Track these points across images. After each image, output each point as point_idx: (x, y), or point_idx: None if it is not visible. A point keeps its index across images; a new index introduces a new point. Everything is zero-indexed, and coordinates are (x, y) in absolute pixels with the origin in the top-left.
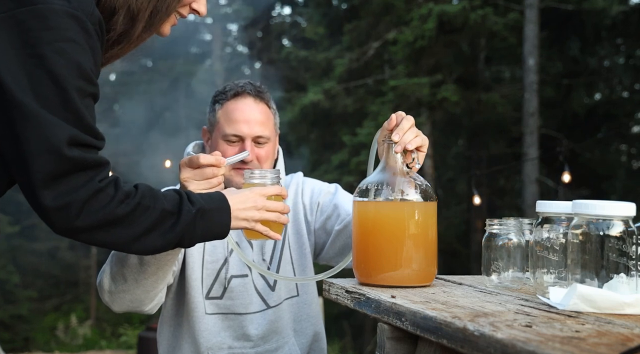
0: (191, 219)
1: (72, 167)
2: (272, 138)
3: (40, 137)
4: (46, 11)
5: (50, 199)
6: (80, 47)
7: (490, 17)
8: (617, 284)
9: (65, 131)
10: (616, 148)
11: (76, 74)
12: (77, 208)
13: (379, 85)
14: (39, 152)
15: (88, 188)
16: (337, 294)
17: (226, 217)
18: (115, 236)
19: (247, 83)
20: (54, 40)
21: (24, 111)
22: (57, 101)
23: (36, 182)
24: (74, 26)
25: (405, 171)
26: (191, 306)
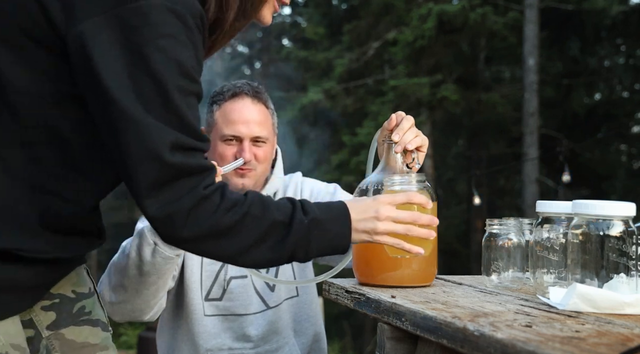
0: (304, 231)
1: (176, 174)
2: (270, 138)
3: (142, 143)
4: (146, 7)
5: (155, 208)
6: (180, 44)
7: (490, 16)
8: (617, 284)
9: (166, 136)
10: (616, 148)
11: (177, 72)
12: (182, 218)
13: (379, 86)
14: (141, 159)
15: (192, 196)
16: (337, 294)
17: (345, 228)
18: (222, 248)
19: (244, 83)
20: (154, 38)
21: (125, 114)
22: (158, 101)
23: (140, 191)
24: (175, 21)
25: (405, 171)
26: (190, 308)
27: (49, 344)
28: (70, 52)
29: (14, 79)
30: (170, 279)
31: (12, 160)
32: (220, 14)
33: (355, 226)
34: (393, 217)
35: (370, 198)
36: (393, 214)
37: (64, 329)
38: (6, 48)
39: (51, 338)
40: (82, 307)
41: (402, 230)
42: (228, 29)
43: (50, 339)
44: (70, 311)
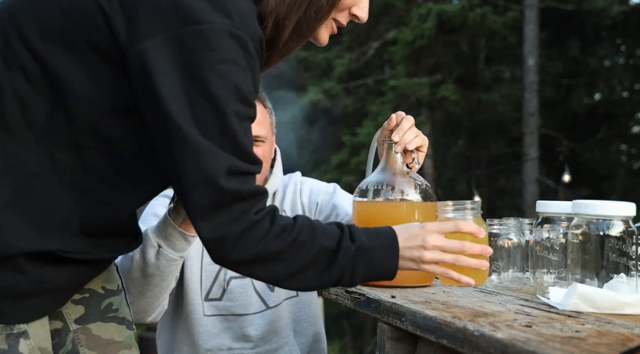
0: (350, 258)
1: (229, 200)
2: (269, 138)
3: (198, 166)
4: (209, 31)
5: (208, 231)
6: (240, 69)
7: (490, 16)
8: (617, 284)
9: (222, 161)
10: (616, 148)
11: (235, 97)
12: (232, 242)
13: (378, 85)
14: (196, 182)
15: (244, 221)
16: (337, 294)
17: (392, 256)
18: (270, 272)
19: None
20: (215, 63)
21: (183, 136)
22: (215, 126)
23: (194, 213)
24: (235, 47)
25: (405, 171)
26: (189, 308)
27: (76, 337)
28: (131, 68)
29: (74, 85)
30: (173, 282)
31: (63, 161)
32: (276, 33)
33: (402, 253)
34: (440, 246)
35: (418, 225)
36: (440, 243)
37: (91, 324)
38: (71, 55)
39: (78, 332)
40: (109, 304)
41: (449, 260)
42: (282, 48)
43: (77, 333)
44: (98, 307)
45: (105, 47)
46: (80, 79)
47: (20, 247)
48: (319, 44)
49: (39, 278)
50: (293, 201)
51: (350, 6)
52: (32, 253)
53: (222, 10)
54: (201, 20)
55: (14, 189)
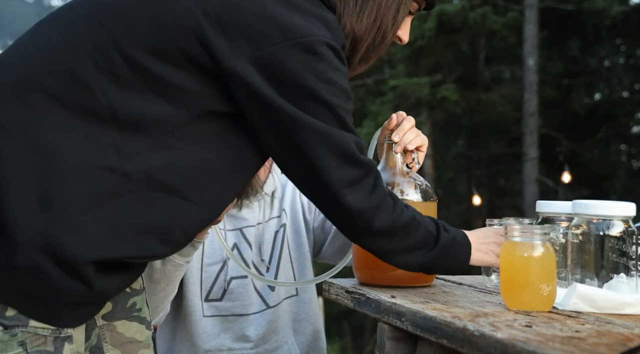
0: (447, 244)
1: (365, 172)
2: None
3: (335, 148)
4: (313, 44)
5: (357, 201)
6: (342, 74)
7: (490, 16)
8: (617, 284)
9: (351, 138)
10: (616, 148)
11: (345, 99)
12: (374, 210)
13: (378, 85)
14: (338, 161)
15: (377, 194)
16: (337, 294)
17: (468, 250)
18: (393, 245)
19: None
20: (324, 71)
21: (311, 129)
22: (335, 121)
23: (340, 190)
24: (335, 56)
25: (405, 171)
26: (188, 309)
27: (101, 333)
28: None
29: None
30: (177, 287)
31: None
32: (352, 53)
33: (478, 247)
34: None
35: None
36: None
37: (116, 321)
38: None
39: (104, 328)
40: (134, 303)
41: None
42: (351, 70)
43: (103, 329)
44: (124, 305)
45: (200, 60)
46: (173, 84)
47: (93, 256)
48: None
49: (102, 289)
50: (293, 199)
51: (397, 30)
52: (103, 262)
53: (316, 23)
54: (304, 34)
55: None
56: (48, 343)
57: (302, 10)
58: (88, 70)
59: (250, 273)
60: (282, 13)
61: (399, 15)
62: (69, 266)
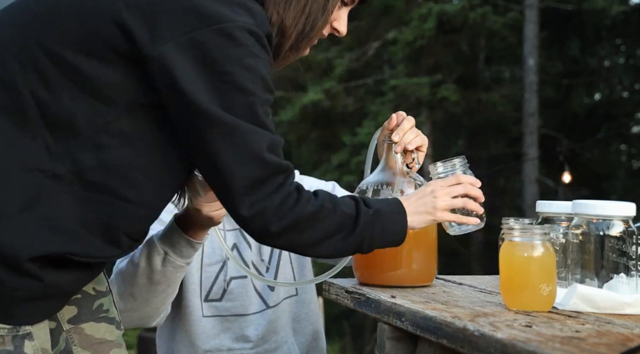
0: (370, 220)
1: (272, 172)
2: None
3: (241, 146)
4: (231, 29)
5: (249, 206)
6: (262, 61)
7: (490, 16)
8: (617, 284)
9: (264, 137)
10: (616, 148)
11: (262, 87)
12: (272, 213)
13: (379, 85)
14: (242, 161)
15: (281, 192)
16: (337, 294)
17: (402, 218)
18: (303, 239)
19: None
20: (241, 57)
21: (220, 123)
22: (248, 113)
23: (238, 189)
24: (255, 42)
25: (405, 171)
26: (187, 309)
27: (69, 337)
28: (154, 71)
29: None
30: (178, 287)
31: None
32: (282, 41)
33: (415, 209)
34: (449, 192)
35: (425, 185)
36: (448, 190)
37: (83, 324)
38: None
39: (71, 332)
40: (100, 304)
41: (460, 203)
42: (280, 59)
43: (70, 332)
44: (90, 307)
45: (123, 49)
46: (100, 80)
47: (34, 251)
48: (303, 55)
49: (51, 282)
50: None
51: (333, 21)
52: (45, 257)
53: (237, 10)
54: (222, 20)
55: (32, 191)
56: (6, 342)
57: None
58: (14, 72)
59: (250, 272)
60: (202, 1)
61: (329, 4)
62: (11, 264)
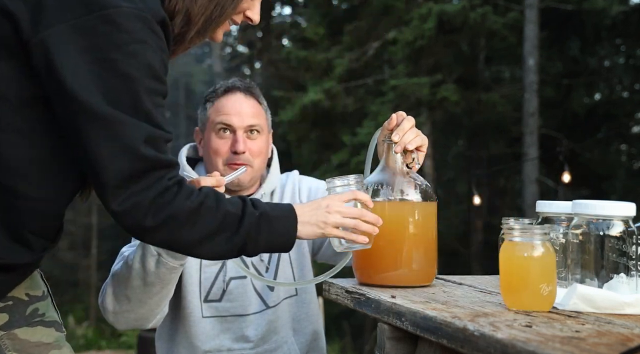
0: (255, 222)
1: (147, 167)
2: (264, 130)
3: (116, 138)
4: (116, 15)
5: (121, 200)
6: (150, 48)
7: (490, 16)
8: (617, 284)
9: (141, 130)
10: (616, 148)
11: (147, 74)
12: (145, 208)
13: (379, 85)
14: (116, 154)
15: (158, 187)
16: (337, 294)
17: (292, 225)
18: (181, 237)
19: (236, 80)
20: (125, 43)
21: (97, 114)
22: (129, 101)
23: (111, 183)
24: (143, 27)
25: (405, 171)
26: (187, 310)
27: (2, 343)
28: (35, 58)
29: None
30: (173, 289)
31: None
32: (185, 29)
33: (307, 220)
34: (342, 212)
35: (321, 198)
36: (342, 209)
37: (17, 329)
38: None
39: (4, 338)
40: (35, 309)
41: (351, 224)
42: (186, 43)
43: (3, 339)
44: (23, 313)
45: (9, 40)
46: None
47: None
48: (215, 41)
49: None
50: (292, 200)
51: (246, 9)
52: None
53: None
54: (107, 6)
55: None
56: None
57: None
58: None
59: (250, 273)
60: None
61: None
62: None
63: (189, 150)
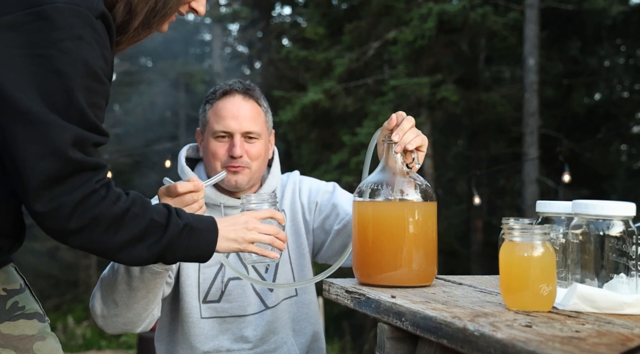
0: (177, 233)
1: (73, 169)
2: (263, 135)
3: (43, 139)
4: (51, 11)
5: (45, 202)
6: (87, 44)
7: (490, 16)
8: (617, 284)
9: (69, 132)
10: (616, 148)
11: (83, 71)
12: (69, 210)
13: (379, 85)
14: (41, 154)
15: (84, 189)
16: (337, 294)
17: (212, 238)
18: (104, 241)
19: (236, 81)
20: (59, 40)
21: (26, 113)
22: (61, 100)
23: (35, 184)
24: (80, 23)
25: (405, 171)
26: (186, 311)
27: None
28: None
29: None
30: (160, 294)
31: None
32: (128, 18)
33: (226, 234)
34: (259, 228)
35: (239, 214)
36: (259, 226)
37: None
38: None
39: None
40: (15, 303)
41: (267, 240)
42: (132, 35)
43: None
44: (3, 308)
45: None
46: None
47: None
48: (160, 31)
49: None
50: (292, 200)
51: (191, 1)
52: None
53: None
54: (41, 2)
55: None
56: None
57: None
58: None
59: (245, 276)
60: None
61: None
62: None
63: (189, 150)
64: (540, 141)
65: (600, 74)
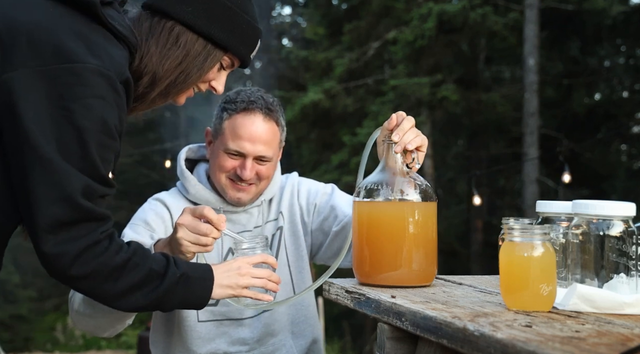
0: (174, 282)
1: (81, 217)
2: (274, 158)
3: (56, 185)
4: (81, 69)
5: (51, 245)
6: (107, 104)
7: (490, 16)
8: (617, 284)
9: (80, 181)
10: (616, 148)
11: (100, 129)
12: (72, 258)
13: (379, 85)
14: (53, 199)
15: (89, 238)
16: (337, 294)
17: (207, 287)
18: (103, 289)
19: (259, 97)
20: (84, 97)
21: (43, 158)
22: (77, 151)
23: (43, 226)
24: (105, 85)
25: (405, 171)
26: (182, 314)
27: None
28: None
29: None
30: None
31: None
32: (148, 90)
33: (220, 281)
34: (252, 273)
35: (232, 260)
36: (252, 271)
37: None
38: None
39: None
40: None
41: (260, 284)
42: (148, 103)
43: None
44: None
45: None
46: None
47: None
48: (177, 104)
49: None
50: (290, 202)
51: (211, 80)
52: None
53: (96, 53)
54: (75, 60)
55: None
56: None
57: (84, 39)
58: None
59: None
60: (63, 38)
61: (206, 64)
62: None
63: (188, 152)
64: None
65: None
